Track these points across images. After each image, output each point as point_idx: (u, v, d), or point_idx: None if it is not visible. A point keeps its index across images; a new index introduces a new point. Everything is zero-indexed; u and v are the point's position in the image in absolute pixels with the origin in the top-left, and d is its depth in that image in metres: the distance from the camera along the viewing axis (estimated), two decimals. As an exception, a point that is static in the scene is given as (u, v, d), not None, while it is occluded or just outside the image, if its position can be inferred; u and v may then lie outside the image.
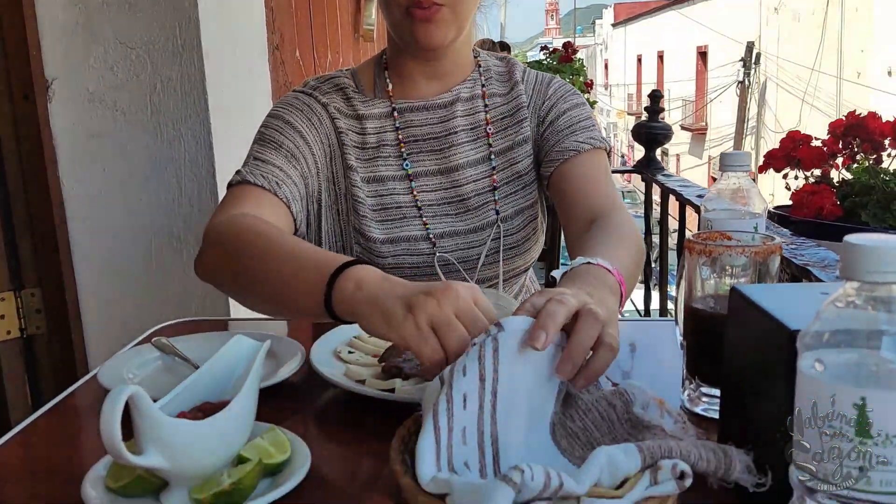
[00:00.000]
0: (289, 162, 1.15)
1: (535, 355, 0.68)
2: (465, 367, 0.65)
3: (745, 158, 0.98)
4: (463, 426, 0.64)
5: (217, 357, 0.76)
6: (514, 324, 0.68)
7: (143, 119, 1.61)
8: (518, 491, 0.54)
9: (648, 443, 0.61)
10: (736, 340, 0.71)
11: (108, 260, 1.67)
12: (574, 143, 1.21)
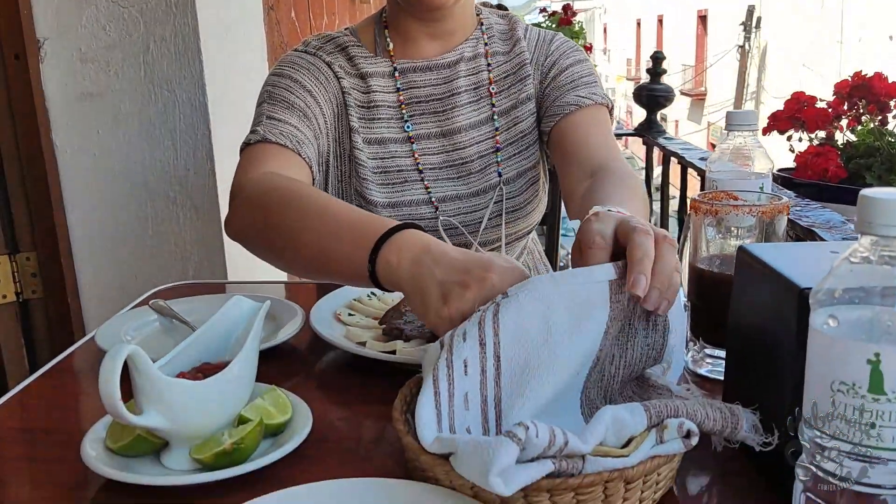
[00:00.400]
0: (303, 121, 1.11)
1: (547, 314, 0.64)
2: (466, 332, 0.64)
3: (751, 117, 0.96)
4: (465, 392, 0.63)
5: (216, 318, 0.75)
6: (516, 287, 0.66)
7: (137, 80, 1.58)
8: (522, 448, 0.53)
9: (655, 402, 0.60)
10: (743, 300, 0.70)
11: (103, 224, 1.65)
12: (575, 97, 1.19)
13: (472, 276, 0.69)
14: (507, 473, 0.53)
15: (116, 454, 0.66)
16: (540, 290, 0.64)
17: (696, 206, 0.84)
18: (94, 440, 0.67)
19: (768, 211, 0.80)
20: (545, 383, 0.65)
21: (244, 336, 0.74)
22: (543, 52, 1.25)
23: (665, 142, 2.04)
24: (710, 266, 0.85)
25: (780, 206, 0.81)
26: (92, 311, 1.69)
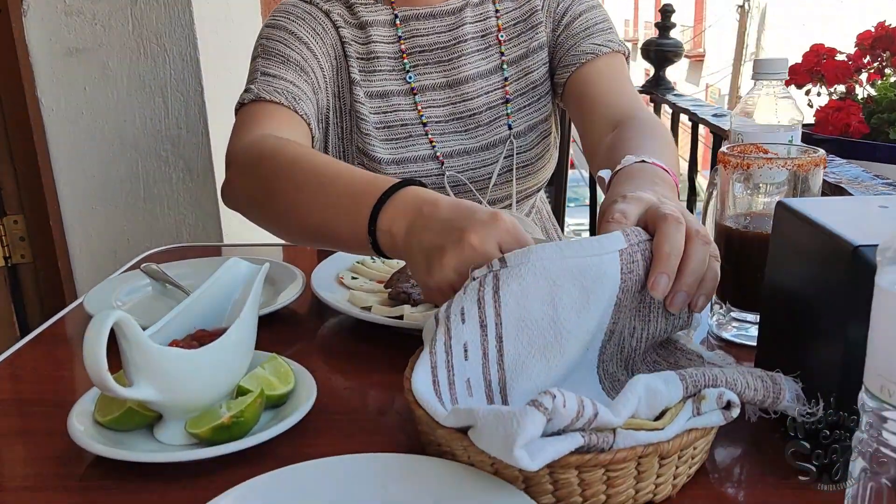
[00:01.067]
0: (300, 76, 1.04)
1: (553, 291, 0.58)
2: (464, 311, 0.58)
3: (781, 65, 0.90)
4: (466, 378, 0.59)
5: (212, 281, 0.70)
6: (517, 258, 0.59)
7: (125, 33, 1.51)
8: (549, 419, 0.49)
9: (691, 370, 0.55)
10: (782, 260, 0.65)
11: (93, 185, 1.59)
12: (591, 45, 1.12)
13: (449, 239, 0.63)
14: (532, 447, 0.48)
15: (106, 428, 0.61)
16: (545, 265, 0.58)
17: (724, 160, 0.78)
18: (81, 413, 0.62)
19: (804, 164, 0.75)
20: (553, 365, 0.60)
21: (242, 301, 0.68)
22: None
23: (675, 98, 1.97)
24: (737, 224, 0.80)
25: (816, 158, 0.75)
26: (84, 275, 1.64)
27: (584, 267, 0.59)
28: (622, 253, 0.59)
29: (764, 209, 0.82)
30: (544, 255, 0.58)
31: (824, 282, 0.57)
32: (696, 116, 1.72)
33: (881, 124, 1.32)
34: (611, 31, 1.15)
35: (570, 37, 1.15)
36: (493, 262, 0.59)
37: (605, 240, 0.60)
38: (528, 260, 0.58)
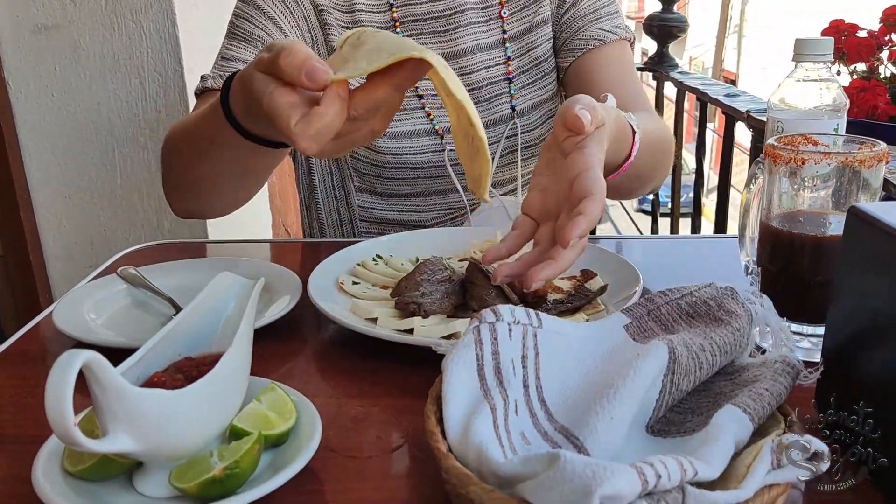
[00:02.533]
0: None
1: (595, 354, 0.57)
2: (510, 368, 0.55)
3: (827, 45, 0.81)
4: (521, 431, 0.52)
5: (199, 300, 0.61)
6: (554, 324, 0.58)
7: (98, 9, 1.39)
8: (645, 491, 0.41)
9: (748, 399, 0.49)
10: (853, 271, 0.57)
11: (66, 172, 1.48)
12: (598, 31, 1.09)
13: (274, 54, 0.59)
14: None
15: (77, 479, 0.52)
16: (569, 342, 0.58)
17: (773, 154, 0.70)
18: (48, 460, 0.53)
19: (866, 160, 0.67)
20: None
21: (234, 319, 0.60)
22: None
23: (680, 76, 1.88)
24: (786, 225, 0.72)
25: (878, 153, 0.67)
26: (59, 268, 1.54)
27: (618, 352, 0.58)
28: (628, 328, 0.60)
29: (810, 206, 0.74)
30: (564, 329, 0.59)
31: (880, 470, 0.50)
32: (707, 97, 1.63)
33: (909, 106, 1.25)
34: (617, 15, 1.10)
35: (578, 18, 1.09)
36: (531, 316, 0.57)
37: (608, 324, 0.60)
38: (564, 328, 0.58)
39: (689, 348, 0.56)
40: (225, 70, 0.99)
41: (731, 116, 1.51)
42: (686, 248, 1.09)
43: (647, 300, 0.63)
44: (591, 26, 1.09)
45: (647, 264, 0.86)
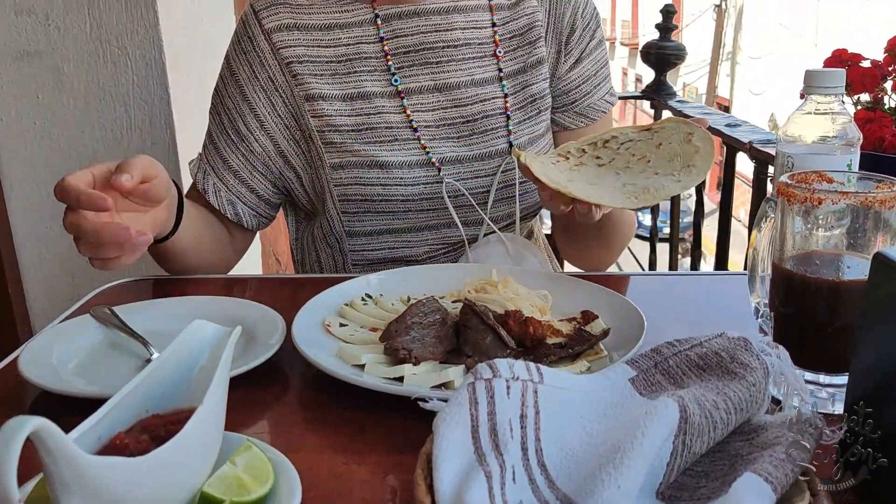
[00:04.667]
0: (236, 146, 1.08)
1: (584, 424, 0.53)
2: (507, 430, 0.51)
3: (839, 78, 0.78)
4: (519, 501, 0.48)
5: (170, 351, 0.56)
6: (556, 378, 0.55)
7: (82, 35, 1.35)
8: None
9: (769, 465, 0.45)
10: (879, 321, 0.53)
11: (47, 203, 1.44)
12: (596, 103, 1.15)
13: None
14: None
15: (29, 554, 0.47)
16: (572, 396, 0.55)
17: (788, 193, 0.66)
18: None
19: (887, 200, 0.63)
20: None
21: (207, 372, 0.55)
22: (562, 8, 1.11)
23: (679, 105, 1.85)
24: (801, 267, 0.67)
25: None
26: (39, 301, 1.49)
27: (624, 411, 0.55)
28: (634, 381, 0.57)
29: (824, 245, 0.70)
30: (566, 383, 0.56)
31: (880, 470, 0.46)
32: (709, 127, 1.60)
33: (916, 138, 1.21)
34: (608, 79, 1.16)
35: (579, 82, 1.14)
36: (532, 371, 0.53)
37: (611, 375, 0.58)
38: (568, 382, 0.55)
39: (701, 406, 0.51)
40: (206, 151, 1.10)
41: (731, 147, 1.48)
42: (691, 285, 1.05)
43: (653, 351, 0.59)
44: (586, 99, 1.14)
45: (650, 304, 0.82)
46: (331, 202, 1.06)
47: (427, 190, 1.05)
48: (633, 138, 0.88)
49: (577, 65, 1.13)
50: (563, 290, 0.88)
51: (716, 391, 0.54)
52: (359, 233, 1.09)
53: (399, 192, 1.04)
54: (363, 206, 1.05)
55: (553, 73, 1.13)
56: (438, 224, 1.08)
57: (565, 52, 1.12)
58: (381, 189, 1.04)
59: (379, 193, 1.04)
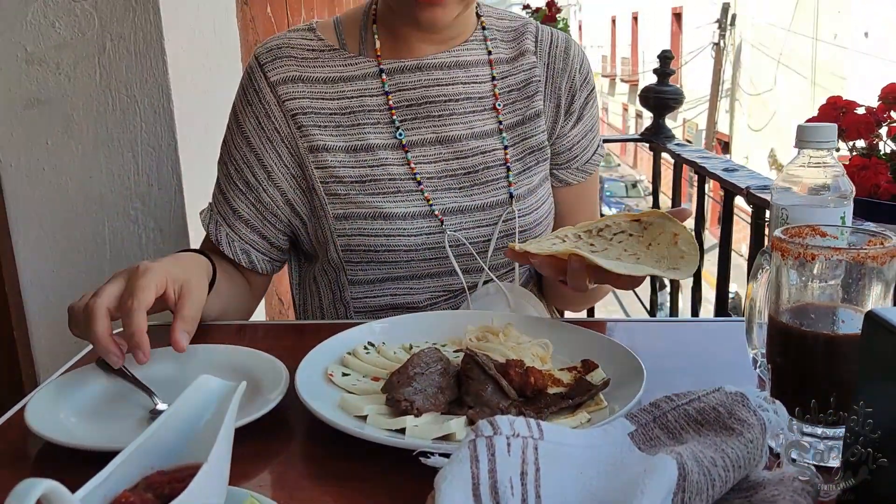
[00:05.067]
0: (244, 195, 1.10)
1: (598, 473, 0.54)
2: (507, 488, 0.51)
3: (831, 132, 0.80)
4: None
5: (177, 406, 0.57)
6: (556, 434, 0.56)
7: (91, 84, 1.38)
8: None
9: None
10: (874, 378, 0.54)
11: (54, 246, 1.46)
12: (591, 161, 1.20)
13: (112, 280, 0.86)
14: None
15: None
16: (570, 451, 0.56)
17: (782, 248, 0.67)
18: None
19: (879, 256, 0.64)
20: None
21: (212, 427, 0.56)
22: (556, 65, 1.15)
23: (677, 148, 1.88)
24: (796, 320, 0.68)
25: (892, 249, 0.64)
26: (44, 343, 1.50)
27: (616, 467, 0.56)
28: (633, 436, 0.58)
29: (819, 297, 0.71)
30: (566, 439, 0.57)
31: (880, 470, 0.47)
32: (705, 171, 1.62)
33: (911, 184, 1.23)
34: (598, 136, 1.21)
35: (572, 141, 1.18)
36: (532, 427, 0.54)
37: (611, 431, 0.59)
38: (570, 439, 0.56)
39: (699, 463, 0.52)
40: (215, 201, 1.13)
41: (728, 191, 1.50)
42: (691, 332, 1.06)
43: (652, 406, 0.60)
44: (587, 152, 1.19)
45: (650, 351, 0.83)
46: (334, 251, 1.08)
47: (429, 240, 1.07)
48: (624, 229, 0.94)
49: (578, 122, 1.17)
50: (563, 338, 0.89)
51: (714, 448, 0.54)
52: (361, 280, 1.10)
53: (402, 242, 1.06)
54: (366, 255, 1.07)
55: (553, 128, 1.15)
56: (439, 272, 1.09)
57: (567, 110, 1.16)
58: (384, 239, 1.05)
59: (382, 244, 1.06)
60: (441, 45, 1.11)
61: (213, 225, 1.11)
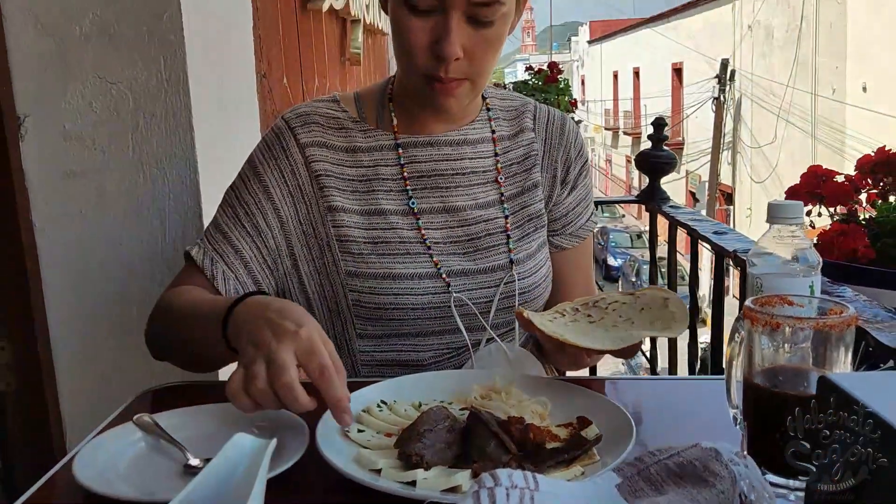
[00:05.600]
0: (250, 237, 1.16)
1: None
2: None
3: (798, 210, 0.89)
4: None
5: (213, 465, 0.65)
6: (550, 486, 0.62)
7: (124, 157, 1.49)
8: None
9: None
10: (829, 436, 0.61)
11: (84, 308, 1.55)
12: (585, 227, 1.30)
13: (280, 329, 0.83)
14: None
15: None
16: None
17: (752, 317, 0.76)
18: None
19: (836, 325, 0.72)
20: None
21: (243, 484, 0.64)
22: (553, 140, 1.27)
23: (672, 210, 1.98)
24: (768, 382, 0.76)
25: (847, 319, 0.73)
26: (72, 403, 1.57)
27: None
28: (619, 487, 0.64)
29: (790, 360, 0.79)
30: (560, 490, 0.62)
31: (880, 470, 0.54)
32: (697, 233, 1.72)
33: (887, 248, 1.32)
34: (591, 204, 1.32)
35: (567, 210, 1.28)
36: (528, 478, 0.60)
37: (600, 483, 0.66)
38: (565, 491, 0.62)
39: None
40: (212, 239, 1.16)
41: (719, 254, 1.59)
42: (679, 390, 1.13)
43: (637, 460, 0.67)
44: (581, 218, 1.29)
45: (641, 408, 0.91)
46: (345, 305, 1.16)
47: (435, 300, 1.15)
48: (619, 300, 1.03)
49: (573, 191, 1.27)
50: (561, 397, 0.97)
51: (690, 498, 0.62)
52: (369, 335, 1.18)
53: (410, 301, 1.14)
54: (375, 312, 1.15)
55: (549, 197, 1.26)
56: (444, 330, 1.17)
57: (563, 180, 1.27)
58: (393, 298, 1.14)
59: (391, 302, 1.14)
60: (451, 124, 1.22)
61: (209, 261, 1.13)
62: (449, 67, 1.05)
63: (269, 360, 0.81)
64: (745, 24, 17.23)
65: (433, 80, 1.07)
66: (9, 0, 1.45)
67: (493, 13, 1.04)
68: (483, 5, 1.03)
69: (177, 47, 1.44)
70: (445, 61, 1.04)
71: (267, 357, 0.81)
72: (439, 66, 1.05)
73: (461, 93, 1.10)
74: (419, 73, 1.08)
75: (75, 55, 1.46)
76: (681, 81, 21.66)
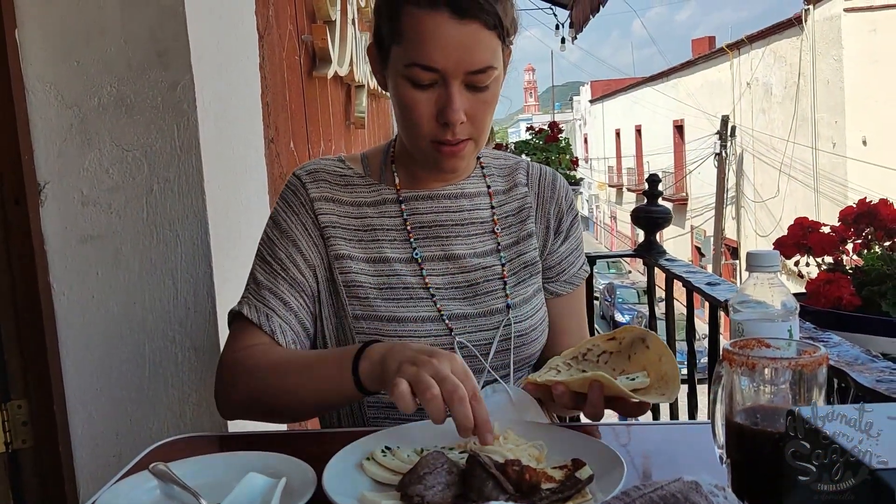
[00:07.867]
0: (293, 289, 1.22)
1: None
2: None
3: (774, 259, 0.94)
4: None
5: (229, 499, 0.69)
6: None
7: (139, 221, 1.57)
8: None
9: None
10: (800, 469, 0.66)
11: (99, 366, 1.60)
12: (577, 274, 1.37)
13: (420, 358, 0.94)
14: None
15: None
16: None
17: (730, 358, 0.81)
18: None
19: (808, 364, 0.77)
20: None
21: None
22: (546, 194, 1.36)
23: (668, 264, 2.04)
24: (748, 420, 0.81)
25: (819, 358, 0.78)
26: (85, 459, 1.61)
27: None
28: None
29: (770, 399, 0.83)
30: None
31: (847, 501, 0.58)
32: (691, 284, 1.77)
33: (872, 296, 1.37)
34: (582, 253, 1.39)
35: (566, 255, 1.35)
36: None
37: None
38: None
39: None
40: (259, 297, 1.21)
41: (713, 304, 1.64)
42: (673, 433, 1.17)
43: (624, 494, 0.72)
44: (574, 266, 1.36)
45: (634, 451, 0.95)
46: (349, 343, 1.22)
47: (437, 342, 1.21)
48: (604, 349, 1.09)
49: (566, 241, 1.35)
50: (557, 440, 1.01)
51: None
52: None
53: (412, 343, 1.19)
54: None
55: (544, 247, 1.34)
56: None
57: (556, 231, 1.35)
58: (397, 340, 1.19)
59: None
60: (448, 180, 1.31)
61: (265, 318, 1.19)
62: (455, 131, 1.14)
63: (438, 376, 0.91)
64: (744, 82, 17.59)
65: (441, 145, 1.17)
66: (32, 74, 1.55)
67: (487, 78, 1.14)
68: (478, 73, 1.13)
69: (189, 116, 1.53)
70: (452, 126, 1.14)
71: (435, 373, 0.92)
72: (446, 131, 1.15)
73: (467, 152, 1.19)
74: (427, 139, 1.17)
75: (93, 125, 1.55)
76: (682, 138, 21.98)
